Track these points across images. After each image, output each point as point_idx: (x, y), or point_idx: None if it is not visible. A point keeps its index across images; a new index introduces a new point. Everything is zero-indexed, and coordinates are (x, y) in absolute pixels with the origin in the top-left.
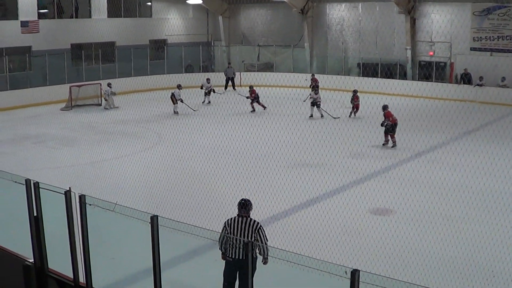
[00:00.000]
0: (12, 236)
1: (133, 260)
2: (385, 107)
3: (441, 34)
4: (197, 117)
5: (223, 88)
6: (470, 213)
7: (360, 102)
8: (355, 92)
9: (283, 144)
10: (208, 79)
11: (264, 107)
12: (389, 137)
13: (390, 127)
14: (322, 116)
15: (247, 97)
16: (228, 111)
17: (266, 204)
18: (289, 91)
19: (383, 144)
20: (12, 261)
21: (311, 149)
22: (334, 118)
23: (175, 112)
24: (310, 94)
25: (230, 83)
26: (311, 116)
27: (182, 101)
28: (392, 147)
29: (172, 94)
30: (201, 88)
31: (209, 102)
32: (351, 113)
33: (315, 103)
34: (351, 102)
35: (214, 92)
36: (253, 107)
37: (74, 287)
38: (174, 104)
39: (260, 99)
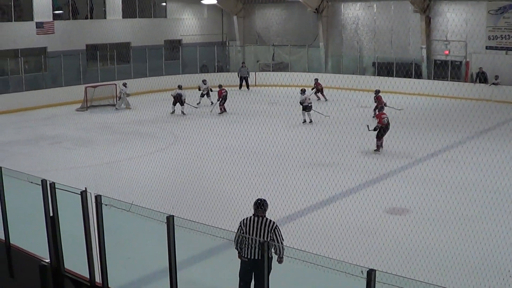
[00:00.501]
0: (29, 236)
1: (149, 260)
2: (381, 108)
3: (457, 33)
4: (212, 117)
5: (238, 87)
6: (487, 213)
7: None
8: (377, 92)
9: (298, 143)
10: (204, 81)
11: (222, 111)
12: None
13: (381, 129)
14: (311, 121)
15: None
16: (243, 111)
17: (282, 204)
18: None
19: (374, 150)
20: (28, 261)
21: (326, 149)
22: (325, 116)
23: (182, 113)
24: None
25: (244, 82)
26: (304, 121)
27: (185, 100)
28: (375, 150)
29: (179, 95)
30: (198, 89)
31: (212, 102)
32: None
33: (306, 107)
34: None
35: (211, 91)
36: (221, 109)
37: (90, 287)
38: (181, 105)
39: (225, 102)
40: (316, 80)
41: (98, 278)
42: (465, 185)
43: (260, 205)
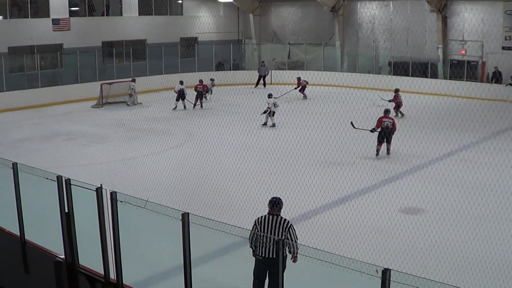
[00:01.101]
0: (44, 232)
1: (164, 257)
2: (385, 112)
3: (473, 33)
4: (227, 115)
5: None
6: (502, 213)
7: (401, 100)
8: (396, 90)
9: (313, 142)
10: (212, 80)
11: (195, 106)
12: (381, 146)
13: (380, 133)
14: (272, 124)
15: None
16: (257, 109)
17: (296, 202)
18: (319, 89)
19: (376, 155)
20: (43, 257)
21: (341, 148)
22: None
23: (184, 108)
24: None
25: (261, 81)
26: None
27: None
28: (388, 153)
29: (182, 91)
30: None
31: (206, 98)
32: (396, 113)
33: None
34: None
35: (211, 93)
36: (194, 104)
37: (104, 283)
38: (183, 100)
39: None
40: (299, 78)
41: (112, 275)
42: (480, 185)
43: (275, 204)
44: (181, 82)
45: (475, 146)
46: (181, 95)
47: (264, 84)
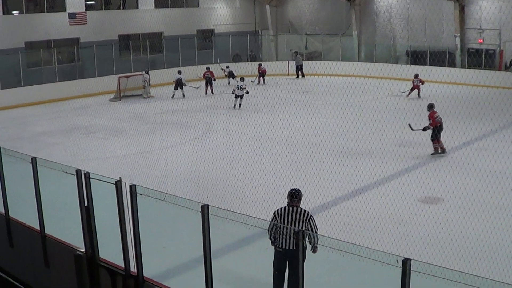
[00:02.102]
0: (64, 226)
1: (184, 249)
2: (429, 107)
3: (490, 21)
4: (245, 107)
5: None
6: None
7: (419, 84)
8: (416, 76)
9: (331, 132)
10: (227, 66)
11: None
12: (436, 143)
13: (432, 131)
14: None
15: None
16: (275, 100)
17: (315, 193)
18: (337, 79)
19: (431, 154)
20: (63, 250)
21: (359, 138)
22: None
23: (183, 96)
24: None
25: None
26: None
27: (185, 84)
28: (440, 153)
29: (180, 80)
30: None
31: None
32: (409, 93)
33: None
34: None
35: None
36: (206, 91)
37: (125, 276)
38: (181, 89)
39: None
40: (260, 65)
41: (133, 268)
42: (499, 174)
43: (295, 195)
44: (179, 72)
45: (494, 135)
46: (179, 84)
47: (303, 75)
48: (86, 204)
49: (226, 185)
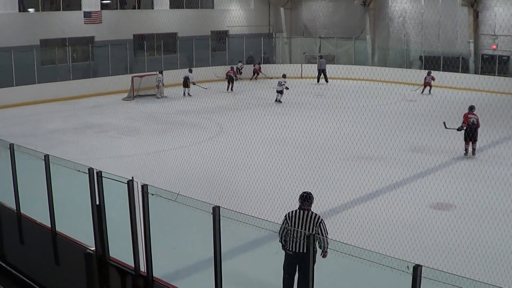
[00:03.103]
0: (74, 224)
1: (194, 250)
2: (470, 108)
3: (505, 27)
4: (258, 108)
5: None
6: None
7: (431, 81)
8: (429, 73)
9: (343, 136)
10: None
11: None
12: (469, 145)
13: (466, 131)
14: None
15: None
16: (289, 103)
17: (327, 197)
18: (350, 83)
19: (464, 154)
20: (74, 249)
21: (372, 142)
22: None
23: (189, 95)
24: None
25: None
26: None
27: (194, 83)
28: (473, 154)
29: (187, 78)
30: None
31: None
32: (423, 90)
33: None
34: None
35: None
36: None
37: (134, 275)
38: (187, 87)
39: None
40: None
41: (142, 267)
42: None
43: (306, 199)
44: (190, 70)
45: (507, 141)
46: (185, 82)
47: (326, 79)
48: (97, 202)
49: (238, 187)
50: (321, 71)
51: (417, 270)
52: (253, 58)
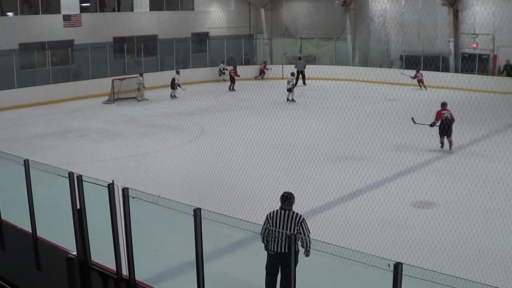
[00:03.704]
0: (56, 229)
1: (176, 252)
2: (442, 105)
3: (484, 26)
4: (239, 110)
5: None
6: None
7: (423, 78)
8: (418, 70)
9: (325, 137)
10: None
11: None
12: (444, 139)
13: (440, 127)
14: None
15: None
16: (269, 104)
17: (308, 197)
18: (331, 83)
19: (440, 147)
20: (55, 253)
21: (353, 142)
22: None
23: (174, 97)
24: None
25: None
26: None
27: (179, 85)
28: (450, 148)
29: (173, 80)
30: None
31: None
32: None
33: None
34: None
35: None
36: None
37: (117, 279)
38: (173, 89)
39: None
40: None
41: (124, 271)
42: (492, 178)
43: (287, 198)
44: (177, 72)
45: (487, 139)
46: (171, 84)
47: (304, 81)
48: (78, 207)
49: (219, 188)
50: (299, 73)
51: (398, 268)
52: (234, 59)
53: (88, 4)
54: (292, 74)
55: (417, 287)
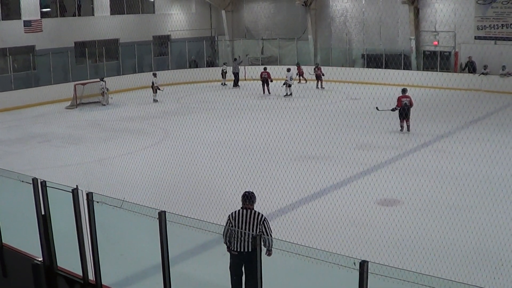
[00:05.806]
0: (21, 235)
1: (142, 256)
2: (402, 91)
3: (445, 23)
4: (202, 112)
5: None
6: (478, 202)
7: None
8: (297, 64)
9: (288, 137)
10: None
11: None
12: (404, 122)
13: (399, 111)
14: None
15: None
16: (231, 106)
17: (273, 197)
18: (294, 83)
19: (400, 130)
20: (21, 260)
21: (316, 141)
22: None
23: (155, 101)
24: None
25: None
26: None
27: (158, 88)
28: (401, 130)
29: (152, 83)
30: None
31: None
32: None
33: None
34: None
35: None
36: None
37: (83, 284)
38: (154, 93)
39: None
40: (298, 64)
41: (91, 276)
42: (456, 175)
43: (248, 198)
44: (154, 74)
45: (450, 136)
46: (152, 87)
47: (236, 83)
48: (43, 212)
49: (183, 191)
50: (235, 74)
51: (363, 266)
52: (196, 62)
53: (49, 9)
54: (288, 70)
55: (383, 285)
